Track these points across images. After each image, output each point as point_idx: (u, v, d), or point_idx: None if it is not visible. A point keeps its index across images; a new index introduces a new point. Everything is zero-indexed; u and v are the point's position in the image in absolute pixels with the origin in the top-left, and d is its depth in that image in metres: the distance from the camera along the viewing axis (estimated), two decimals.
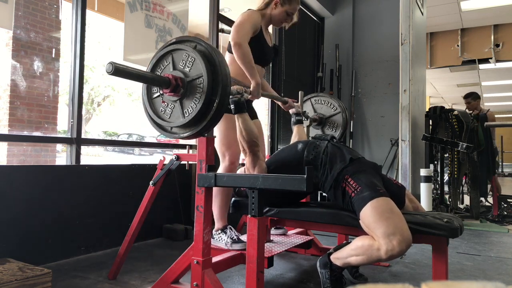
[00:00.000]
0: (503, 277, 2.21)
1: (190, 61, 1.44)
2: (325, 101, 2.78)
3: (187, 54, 1.44)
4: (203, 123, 1.42)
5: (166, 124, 1.49)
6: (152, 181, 2.12)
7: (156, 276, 1.98)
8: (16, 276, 1.61)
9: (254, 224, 1.51)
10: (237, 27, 2.01)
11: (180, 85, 1.42)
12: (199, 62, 1.40)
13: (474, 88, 11.41)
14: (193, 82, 1.42)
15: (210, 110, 1.40)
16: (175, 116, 1.46)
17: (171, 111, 1.48)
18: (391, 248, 1.47)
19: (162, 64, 1.51)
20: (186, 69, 1.45)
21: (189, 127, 1.45)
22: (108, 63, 1.24)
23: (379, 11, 5.36)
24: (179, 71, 1.45)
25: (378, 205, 1.55)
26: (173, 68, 1.47)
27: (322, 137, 1.92)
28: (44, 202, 2.26)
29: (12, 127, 4.20)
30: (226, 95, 1.41)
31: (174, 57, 1.48)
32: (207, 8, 3.68)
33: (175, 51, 1.48)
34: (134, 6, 2.95)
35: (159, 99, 1.51)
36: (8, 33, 3.99)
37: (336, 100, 2.77)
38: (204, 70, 1.38)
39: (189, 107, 1.42)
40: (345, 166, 1.72)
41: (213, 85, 1.39)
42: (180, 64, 1.46)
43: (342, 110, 2.70)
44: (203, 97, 1.39)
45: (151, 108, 1.52)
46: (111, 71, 1.24)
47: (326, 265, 1.72)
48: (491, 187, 4.64)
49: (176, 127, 1.47)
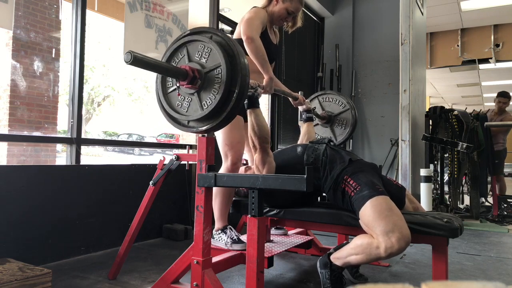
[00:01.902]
0: (503, 277, 2.21)
1: (207, 51, 1.39)
2: (333, 99, 2.73)
3: (202, 45, 1.40)
4: (223, 115, 1.37)
5: (183, 118, 1.43)
6: (152, 181, 2.12)
7: (156, 276, 1.98)
8: (16, 276, 1.61)
9: (254, 224, 1.51)
10: (248, 21, 1.98)
11: (197, 76, 1.38)
12: (216, 52, 1.35)
13: (474, 88, 11.43)
14: (211, 73, 1.38)
15: (229, 101, 1.35)
16: (193, 109, 1.42)
17: (188, 105, 1.43)
18: (390, 246, 1.48)
19: (177, 57, 1.47)
20: (203, 60, 1.40)
21: (208, 120, 1.40)
22: (127, 53, 1.21)
23: (379, 11, 5.36)
24: (195, 63, 1.41)
25: (377, 203, 1.56)
26: (188, 60, 1.43)
27: (320, 141, 1.94)
28: (44, 202, 2.26)
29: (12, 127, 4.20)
30: (245, 85, 1.36)
31: (189, 49, 1.44)
32: (207, 8, 3.68)
33: (190, 43, 1.44)
34: (134, 6, 2.95)
35: (174, 93, 1.47)
36: (8, 33, 3.99)
37: (345, 97, 2.72)
38: (222, 60, 1.33)
39: (208, 99, 1.37)
40: (345, 167, 1.74)
41: (232, 75, 1.35)
42: (196, 55, 1.42)
43: (351, 107, 2.64)
44: (222, 87, 1.34)
45: (167, 102, 1.47)
46: (130, 60, 1.21)
47: (326, 265, 1.73)
48: (491, 187, 4.64)
49: (193, 120, 1.42)
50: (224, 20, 3.87)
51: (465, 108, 5.09)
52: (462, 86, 11.40)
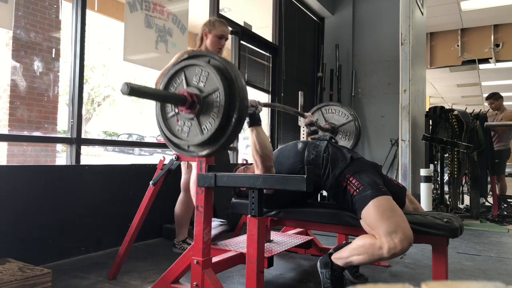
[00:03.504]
0: (503, 277, 2.21)
1: (204, 75, 1.38)
2: (336, 110, 2.71)
3: (200, 69, 1.39)
4: (222, 139, 1.36)
5: (184, 143, 1.43)
6: (152, 181, 2.12)
7: (156, 276, 1.98)
8: (16, 276, 1.61)
9: (254, 224, 1.51)
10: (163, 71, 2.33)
11: (196, 101, 1.37)
12: (214, 76, 1.34)
13: (474, 88, 11.43)
14: (209, 98, 1.37)
15: (228, 125, 1.34)
16: (193, 134, 1.41)
17: (188, 129, 1.42)
18: (393, 247, 1.48)
19: (175, 82, 1.46)
20: (201, 84, 1.39)
21: (208, 145, 1.39)
22: (123, 84, 1.19)
23: (379, 11, 5.36)
24: (193, 87, 1.40)
25: (380, 203, 1.55)
26: (186, 85, 1.42)
27: (321, 138, 1.93)
28: (44, 202, 2.26)
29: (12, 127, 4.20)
30: (244, 109, 1.35)
31: (187, 73, 1.43)
32: (207, 8, 3.69)
33: (187, 68, 1.43)
34: (134, 6, 2.95)
35: (174, 119, 1.46)
36: (8, 33, 3.99)
37: (347, 108, 2.70)
38: (220, 84, 1.33)
39: (207, 123, 1.37)
40: (347, 166, 1.73)
41: (230, 99, 1.33)
42: (194, 80, 1.41)
43: (354, 118, 2.63)
44: (221, 111, 1.33)
45: (167, 128, 1.46)
46: (127, 91, 1.19)
47: (327, 265, 1.73)
48: (491, 187, 4.64)
49: (193, 145, 1.41)
50: (224, 20, 3.86)
51: (465, 108, 5.09)
52: (462, 86, 11.40)
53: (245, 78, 4.26)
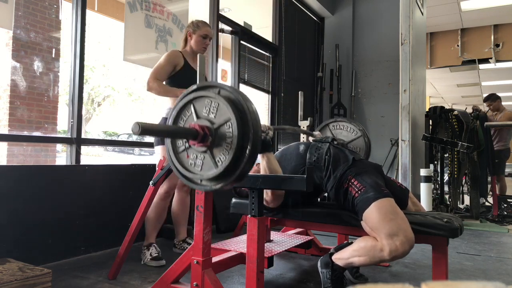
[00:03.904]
0: (503, 277, 2.21)
1: (214, 106, 1.33)
2: (344, 126, 2.67)
3: (209, 101, 1.34)
4: (236, 172, 1.29)
5: (197, 177, 1.37)
6: (152, 181, 2.12)
7: (156, 276, 1.98)
8: (16, 276, 1.61)
9: (254, 224, 1.51)
10: (153, 70, 2.42)
11: (207, 134, 1.32)
12: (225, 107, 1.30)
13: (474, 88, 11.43)
14: (221, 129, 1.32)
15: (243, 157, 1.28)
16: (207, 167, 1.35)
17: (201, 163, 1.36)
18: (395, 249, 1.48)
19: (184, 115, 1.41)
20: (211, 115, 1.34)
21: (221, 179, 1.33)
22: (135, 124, 1.16)
23: (379, 11, 5.36)
24: (204, 119, 1.35)
25: (382, 206, 1.55)
26: (196, 117, 1.37)
27: (323, 140, 1.93)
28: (44, 202, 2.26)
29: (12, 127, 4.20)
30: (258, 141, 1.29)
31: (196, 105, 1.38)
32: (207, 8, 3.69)
33: (196, 99, 1.38)
34: (134, 6, 2.95)
35: (185, 153, 1.41)
36: (8, 33, 3.99)
37: (356, 124, 2.63)
38: (232, 114, 1.28)
39: (221, 156, 1.31)
40: (349, 167, 1.73)
41: (243, 131, 1.28)
42: (204, 111, 1.36)
43: (363, 134, 2.57)
44: (235, 143, 1.27)
45: (179, 162, 1.41)
46: (138, 131, 1.16)
47: (328, 265, 1.72)
48: (491, 187, 4.64)
49: (206, 179, 1.35)
50: (224, 20, 3.87)
51: (465, 108, 5.09)
52: (462, 86, 11.40)
53: (245, 78, 4.26)
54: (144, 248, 2.38)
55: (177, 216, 2.59)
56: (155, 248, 2.36)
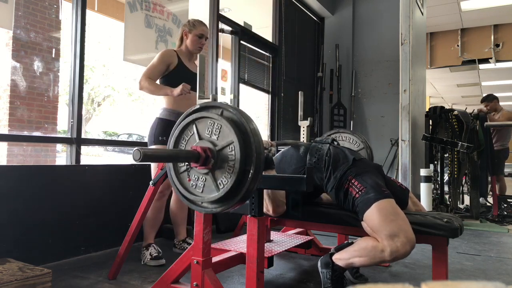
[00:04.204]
0: (503, 277, 2.21)
1: (217, 128, 1.31)
2: (347, 137, 2.64)
3: (212, 122, 1.32)
4: (238, 196, 1.28)
5: (198, 199, 1.36)
6: (152, 181, 2.12)
7: (156, 276, 1.98)
8: (16, 276, 1.61)
9: (254, 224, 1.51)
10: (146, 69, 2.41)
11: (209, 156, 1.30)
12: (227, 129, 1.28)
13: (474, 88, 11.43)
14: (223, 151, 1.30)
15: (245, 181, 1.26)
16: (208, 190, 1.34)
17: (203, 185, 1.35)
18: (396, 250, 1.48)
19: (186, 135, 1.39)
20: (214, 137, 1.32)
21: (223, 202, 1.31)
22: (135, 150, 1.14)
23: (379, 11, 5.36)
24: (206, 141, 1.33)
25: (383, 206, 1.55)
26: (199, 138, 1.35)
27: (323, 141, 1.93)
28: (44, 202, 2.26)
29: (12, 127, 4.20)
30: (261, 164, 1.27)
31: (198, 126, 1.36)
32: (207, 8, 3.69)
33: (199, 120, 1.36)
34: (134, 6, 2.95)
35: (186, 174, 1.40)
36: (8, 33, 3.99)
37: (358, 136, 2.63)
38: (234, 136, 1.26)
39: (223, 179, 1.29)
40: (349, 167, 1.73)
41: (246, 154, 1.26)
42: (206, 133, 1.34)
43: (366, 146, 2.57)
44: (237, 166, 1.26)
45: (180, 183, 1.40)
46: (140, 158, 1.14)
47: (328, 265, 1.72)
48: (491, 187, 4.64)
49: (207, 202, 1.34)
50: (224, 20, 3.87)
51: (465, 108, 5.10)
52: (462, 86, 11.40)
53: (245, 78, 4.25)
54: (143, 249, 2.39)
55: (176, 216, 2.60)
56: (154, 248, 2.36)
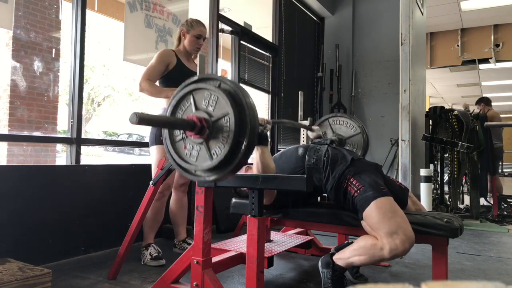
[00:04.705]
0: (503, 277, 2.21)
1: (213, 99, 1.34)
2: (344, 122, 2.68)
3: (209, 93, 1.35)
4: (231, 166, 1.31)
5: (192, 167, 1.38)
6: (152, 181, 2.12)
7: (156, 276, 1.98)
8: (16, 276, 1.61)
9: (254, 224, 1.51)
10: (145, 71, 2.40)
11: (205, 126, 1.33)
12: (223, 101, 1.31)
13: (474, 88, 11.43)
14: (219, 122, 1.33)
15: (238, 152, 1.29)
16: (202, 159, 1.36)
17: (197, 154, 1.38)
18: (395, 248, 1.48)
19: (183, 105, 1.42)
20: (210, 108, 1.35)
21: (215, 170, 1.34)
22: (132, 114, 1.17)
23: (379, 11, 5.36)
24: (202, 111, 1.36)
25: (381, 204, 1.55)
26: (195, 109, 1.38)
27: (321, 142, 1.94)
28: (44, 202, 2.26)
29: (12, 127, 4.20)
30: (254, 137, 1.30)
31: (196, 97, 1.38)
32: (207, 8, 3.69)
33: (196, 91, 1.39)
34: (134, 6, 2.95)
35: (182, 143, 1.43)
36: (8, 33, 3.99)
37: (356, 120, 2.67)
38: (230, 108, 1.29)
39: (216, 149, 1.33)
40: (347, 167, 1.73)
41: (240, 126, 1.29)
42: (203, 104, 1.37)
43: (362, 131, 2.60)
44: (231, 137, 1.28)
45: (175, 151, 1.42)
46: (136, 121, 1.17)
47: (328, 265, 1.72)
48: (491, 187, 4.64)
49: (201, 170, 1.37)
50: (224, 20, 3.87)
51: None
52: (462, 86, 11.40)
53: (245, 78, 4.26)
54: (143, 249, 2.39)
55: (175, 216, 2.60)
56: (154, 248, 2.36)
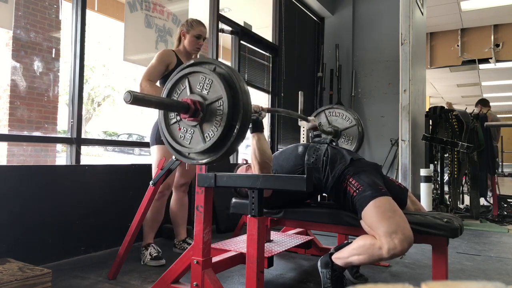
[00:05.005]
0: (503, 277, 2.21)
1: (208, 83, 1.36)
2: (340, 114, 2.70)
3: (204, 77, 1.37)
4: (223, 149, 1.34)
5: (185, 150, 1.41)
6: (152, 181, 2.12)
7: (156, 276, 1.98)
8: (16, 276, 1.61)
9: (254, 224, 1.51)
10: (146, 71, 2.38)
11: (199, 109, 1.35)
12: (218, 84, 1.33)
13: (474, 88, 11.43)
14: (212, 105, 1.35)
15: (230, 135, 1.32)
16: (195, 141, 1.39)
17: (191, 137, 1.41)
18: (393, 247, 1.48)
19: (178, 89, 1.44)
20: (204, 91, 1.37)
21: (208, 153, 1.37)
22: (126, 92, 1.18)
23: (379, 11, 5.36)
24: (196, 95, 1.38)
25: (380, 204, 1.56)
26: (190, 92, 1.40)
27: (321, 141, 1.94)
28: (44, 202, 2.26)
29: (12, 127, 4.20)
30: (247, 121, 1.33)
31: (191, 80, 1.41)
32: (207, 8, 3.69)
33: (191, 74, 1.41)
34: (134, 6, 2.95)
35: (176, 125, 1.45)
36: (8, 33, 3.99)
37: (352, 112, 2.68)
38: (224, 92, 1.31)
39: (210, 131, 1.35)
40: (346, 167, 1.74)
41: (233, 109, 1.31)
42: (198, 87, 1.39)
43: (358, 123, 2.62)
44: (224, 120, 1.31)
45: (170, 134, 1.45)
46: (130, 100, 1.18)
47: (328, 265, 1.73)
48: (491, 187, 4.63)
49: (194, 153, 1.40)
50: (224, 20, 3.87)
51: (465, 108, 5.10)
52: (462, 86, 11.40)
53: (245, 78, 4.26)
54: (143, 249, 2.38)
55: (176, 216, 2.59)
56: (154, 248, 2.36)
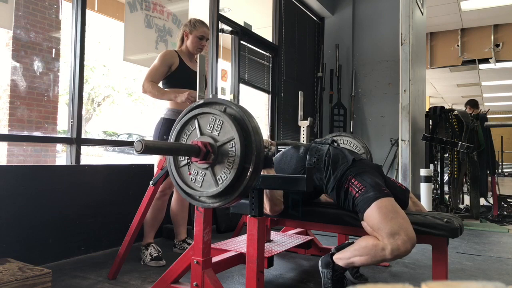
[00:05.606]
0: (503, 277, 2.21)
1: (219, 124, 1.33)
2: (348, 141, 2.66)
3: (214, 118, 1.33)
4: (236, 193, 1.29)
5: (197, 193, 1.37)
6: (152, 181, 2.12)
7: (156, 276, 1.98)
8: (16, 276, 1.61)
9: (254, 224, 1.51)
10: (148, 73, 2.41)
11: (210, 151, 1.31)
12: (229, 125, 1.29)
13: (474, 88, 11.43)
14: (224, 147, 1.31)
15: (243, 179, 1.28)
16: (207, 185, 1.35)
17: (202, 179, 1.36)
18: (396, 248, 1.48)
19: (188, 130, 1.41)
20: (215, 133, 1.33)
21: (220, 197, 1.33)
22: (137, 141, 1.14)
23: (379, 11, 5.36)
24: (207, 136, 1.34)
25: (383, 205, 1.55)
26: (200, 134, 1.36)
27: (323, 141, 1.93)
28: (44, 202, 2.26)
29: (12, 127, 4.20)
30: (260, 163, 1.29)
31: (200, 121, 1.37)
32: (207, 8, 3.69)
33: (201, 115, 1.37)
34: (134, 6, 2.95)
35: (186, 168, 1.41)
36: (8, 33, 3.99)
37: (359, 140, 2.65)
38: (235, 133, 1.27)
39: (222, 174, 1.31)
40: (348, 167, 1.73)
41: (246, 152, 1.28)
42: (208, 128, 1.35)
43: (366, 151, 2.58)
44: (237, 162, 1.27)
45: (179, 177, 1.40)
46: (141, 149, 1.14)
47: (329, 265, 1.72)
48: (491, 187, 4.64)
49: (205, 196, 1.35)
50: (224, 20, 3.87)
51: (465, 108, 5.11)
52: (462, 86, 11.41)
53: (245, 78, 4.25)
54: (143, 248, 2.38)
55: (176, 216, 2.59)
56: (154, 248, 2.35)
